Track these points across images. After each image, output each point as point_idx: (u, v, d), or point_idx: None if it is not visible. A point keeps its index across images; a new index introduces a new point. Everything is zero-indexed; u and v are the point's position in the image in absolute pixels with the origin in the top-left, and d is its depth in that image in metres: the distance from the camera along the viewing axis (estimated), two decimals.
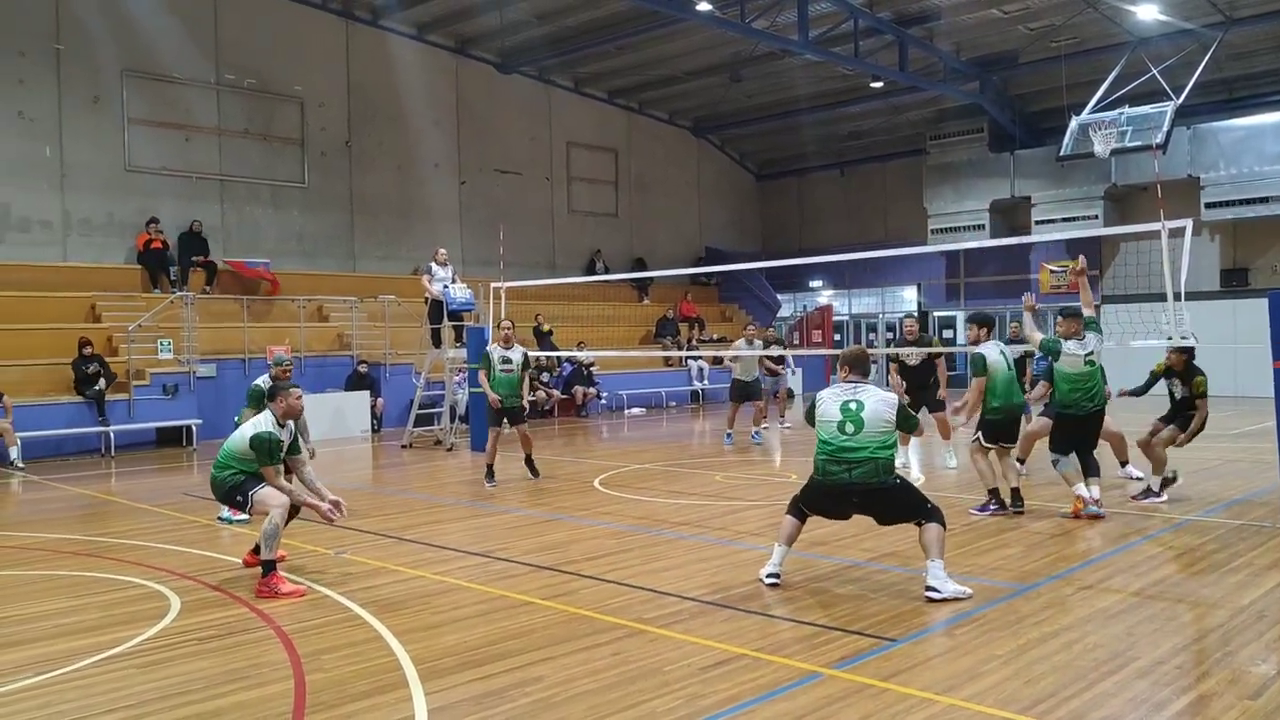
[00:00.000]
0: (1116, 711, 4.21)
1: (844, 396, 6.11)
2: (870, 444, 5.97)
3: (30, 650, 5.39)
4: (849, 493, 6.04)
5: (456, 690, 4.62)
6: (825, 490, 6.15)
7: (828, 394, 6.18)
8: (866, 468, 5.96)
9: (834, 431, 6.02)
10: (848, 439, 6.00)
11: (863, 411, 6.02)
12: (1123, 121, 19.65)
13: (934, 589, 5.94)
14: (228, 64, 20.36)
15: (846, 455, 5.99)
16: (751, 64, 24.26)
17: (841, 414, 6.05)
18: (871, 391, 6.12)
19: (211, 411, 16.98)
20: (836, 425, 6.04)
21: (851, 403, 6.07)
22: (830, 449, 6.03)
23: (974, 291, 27.64)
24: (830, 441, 6.06)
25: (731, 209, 31.87)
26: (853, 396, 6.10)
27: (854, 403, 6.07)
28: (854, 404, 6.06)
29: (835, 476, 6.03)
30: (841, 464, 6.01)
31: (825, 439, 6.06)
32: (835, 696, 4.43)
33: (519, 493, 10.98)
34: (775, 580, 6.30)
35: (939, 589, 5.92)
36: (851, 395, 6.11)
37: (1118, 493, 9.78)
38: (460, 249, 23.32)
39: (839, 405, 6.06)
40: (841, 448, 6.01)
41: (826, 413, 6.10)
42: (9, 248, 17.67)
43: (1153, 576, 6.48)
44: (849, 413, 6.04)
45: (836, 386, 6.24)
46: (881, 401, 6.08)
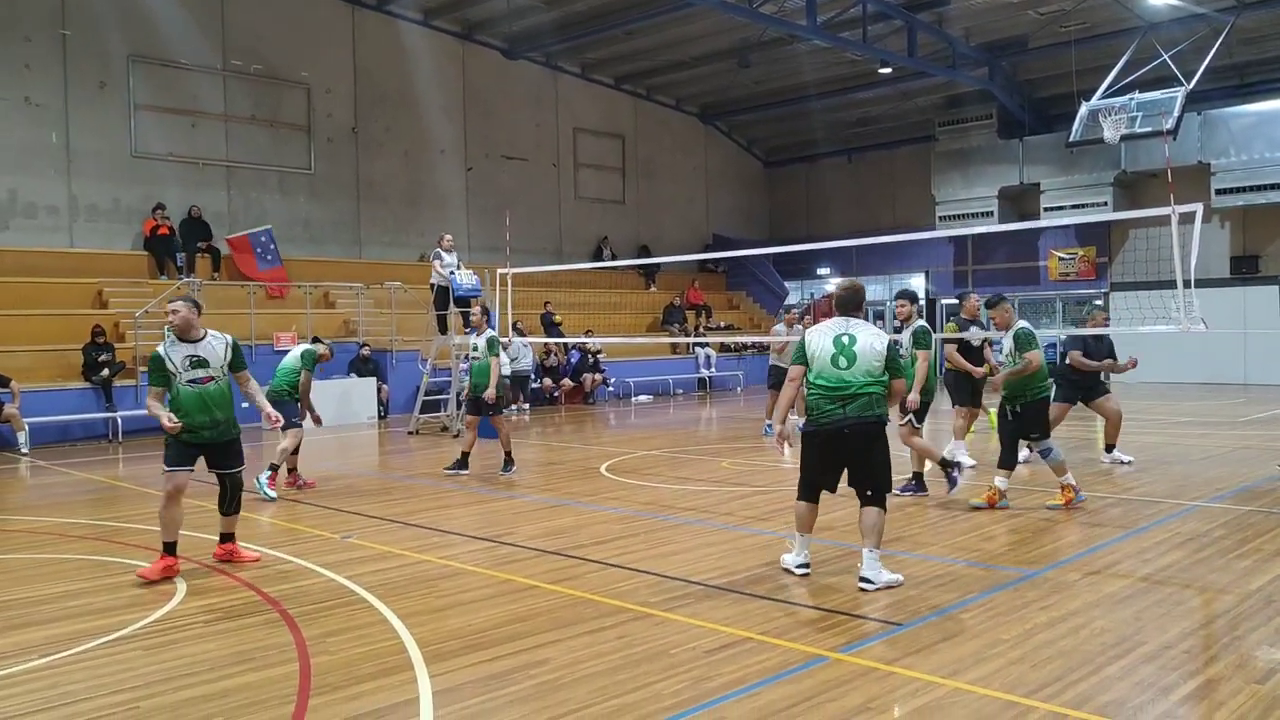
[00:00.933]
0: (1123, 695, 4.19)
1: (836, 331, 6.05)
2: (864, 378, 5.92)
3: (38, 632, 5.41)
4: (844, 434, 5.90)
5: (462, 673, 4.62)
6: (822, 440, 6.00)
7: (818, 330, 6.07)
8: (860, 401, 5.88)
9: (828, 365, 5.92)
10: (843, 372, 5.92)
11: (855, 345, 5.96)
12: (1133, 107, 19.52)
13: (868, 580, 5.86)
14: (234, 50, 20.33)
15: (841, 391, 5.91)
16: (759, 49, 24.14)
17: (835, 347, 5.97)
18: (864, 326, 6.08)
19: None
20: (830, 359, 5.95)
21: (844, 336, 6.01)
22: (825, 385, 5.91)
23: (982, 278, 27.54)
24: (824, 376, 5.95)
25: (739, 196, 31.78)
26: (845, 330, 6.04)
27: (846, 336, 6.01)
28: (846, 337, 6.00)
29: (831, 415, 5.91)
30: (836, 400, 5.92)
31: (819, 375, 5.92)
32: (841, 679, 4.42)
33: (526, 479, 10.98)
34: (806, 570, 6.19)
35: (873, 579, 5.86)
36: (844, 329, 6.05)
37: (1098, 478, 9.73)
38: (467, 235, 23.32)
39: (832, 338, 6.00)
40: (838, 382, 5.91)
41: (821, 348, 5.97)
42: (16, 234, 17.70)
43: (1160, 562, 6.46)
44: (841, 346, 5.97)
45: (828, 322, 6.17)
46: (874, 335, 6.03)
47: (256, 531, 8.07)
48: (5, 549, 7.68)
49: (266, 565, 6.87)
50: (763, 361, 26.94)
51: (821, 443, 6.05)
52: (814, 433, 6.07)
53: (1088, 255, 25.37)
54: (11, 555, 7.44)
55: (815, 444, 6.09)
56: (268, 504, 9.37)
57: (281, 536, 7.84)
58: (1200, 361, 22.25)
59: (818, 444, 6.08)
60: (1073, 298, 26.20)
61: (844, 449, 6.00)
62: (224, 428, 6.83)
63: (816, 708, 4.10)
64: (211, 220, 19.62)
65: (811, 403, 6.05)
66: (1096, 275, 25.21)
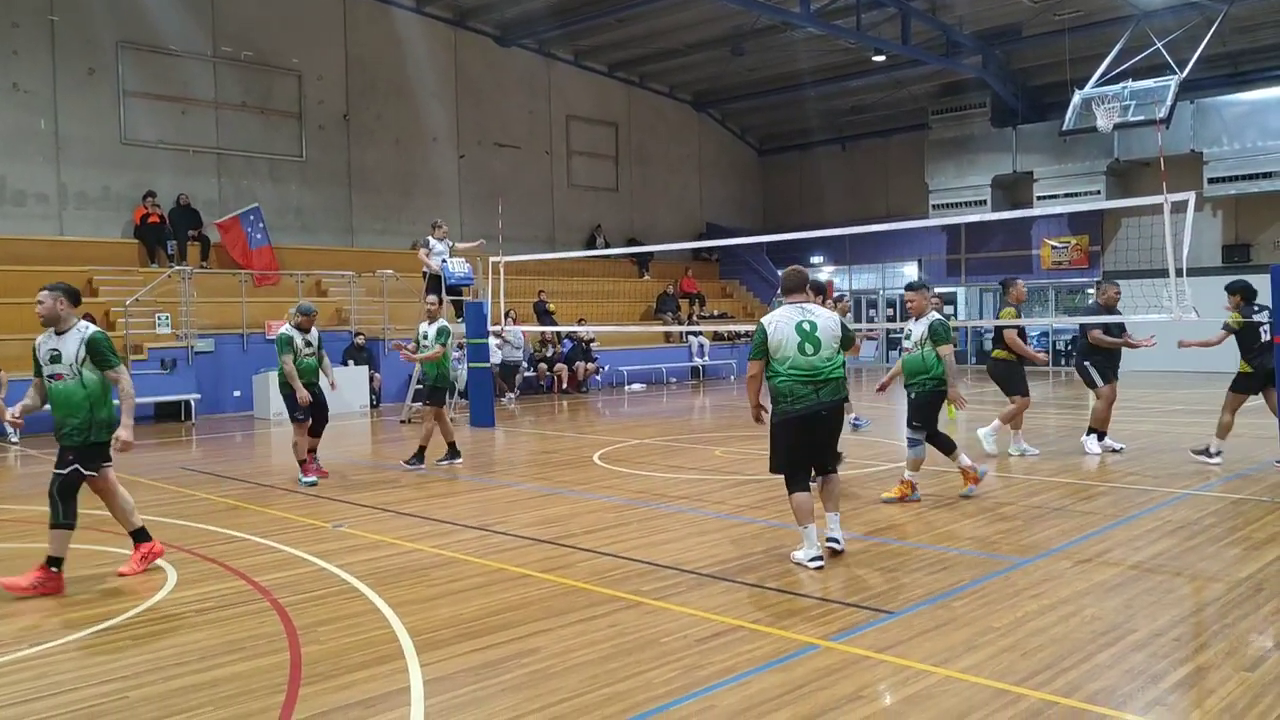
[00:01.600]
0: (1113, 683, 4.20)
1: (795, 318, 6.09)
2: (831, 363, 6.13)
3: (26, 621, 5.39)
4: (821, 417, 6.12)
5: (453, 661, 4.61)
6: (799, 424, 6.07)
7: (776, 320, 6.08)
8: (832, 385, 6.14)
9: (796, 353, 5.99)
10: (813, 358, 6.04)
11: (817, 330, 6.10)
12: (1126, 96, 19.50)
13: (836, 540, 6.32)
14: (225, 36, 20.20)
15: (814, 376, 6.03)
16: (753, 37, 24.06)
17: (799, 335, 6.04)
18: (819, 310, 6.28)
19: (210, 386, 16.99)
20: (798, 347, 6.03)
21: (805, 323, 6.09)
22: (798, 372, 5.98)
23: (975, 267, 27.56)
24: (795, 364, 6.02)
25: (733, 184, 31.74)
26: (804, 317, 6.13)
27: (807, 323, 6.10)
28: (807, 324, 6.10)
29: (805, 399, 6.03)
30: (810, 384, 6.03)
31: (790, 362, 5.97)
32: (833, 668, 4.42)
33: (518, 468, 10.98)
34: (820, 563, 6.09)
35: (840, 539, 6.33)
36: (802, 316, 6.14)
37: (1090, 466, 9.75)
38: (459, 223, 23.23)
39: (794, 326, 6.10)
40: (810, 368, 6.03)
41: (786, 336, 6.01)
42: (4, 221, 17.61)
43: (1151, 550, 6.47)
44: (805, 333, 6.05)
45: (783, 309, 6.17)
46: (830, 319, 6.21)
47: (249, 520, 8.05)
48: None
49: (258, 554, 6.84)
50: None
51: (799, 427, 6.13)
52: (790, 419, 6.12)
53: (1080, 244, 25.40)
54: (2, 545, 7.40)
55: (792, 429, 6.15)
56: (265, 493, 9.35)
57: (272, 525, 7.82)
58: (1191, 350, 22.22)
59: (795, 429, 6.14)
60: (1065, 286, 26.24)
61: (820, 430, 6.21)
62: (67, 431, 6.11)
63: (807, 696, 4.10)
64: (202, 208, 19.54)
65: (784, 389, 6.05)
66: (1089, 264, 25.25)
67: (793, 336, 6.07)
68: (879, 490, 8.78)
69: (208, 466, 11.44)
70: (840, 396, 6.24)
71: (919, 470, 8.32)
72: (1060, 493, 8.56)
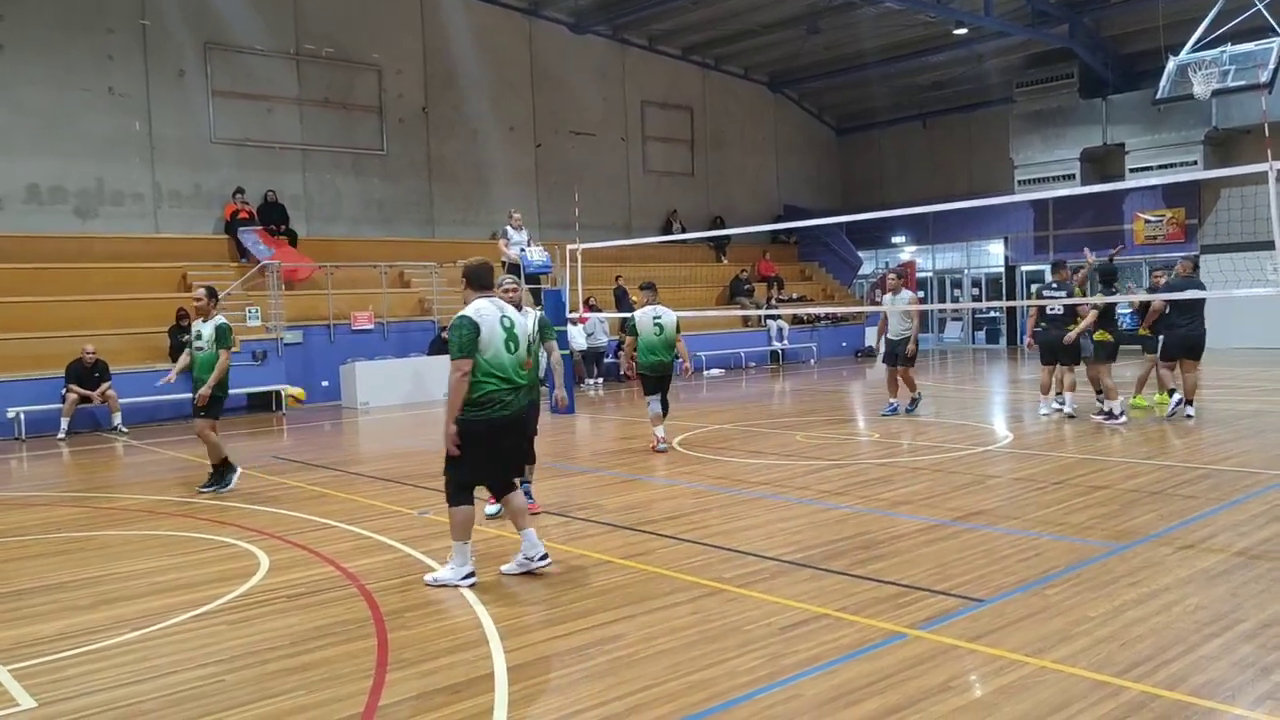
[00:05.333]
0: (1220, 675, 4.01)
1: (497, 313, 5.95)
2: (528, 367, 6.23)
3: (129, 607, 5.58)
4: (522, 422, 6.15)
5: (536, 648, 4.63)
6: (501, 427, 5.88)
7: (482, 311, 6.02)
8: (528, 388, 6.15)
9: (502, 351, 5.87)
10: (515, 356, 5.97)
11: (516, 329, 6.07)
12: (1225, 60, 18.56)
13: (544, 556, 5.98)
14: (306, 34, 20.62)
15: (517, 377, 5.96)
16: (829, 14, 23.64)
17: (503, 330, 5.93)
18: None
19: (299, 376, 17.42)
20: (503, 344, 5.91)
21: (505, 318, 5.99)
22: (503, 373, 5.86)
23: (1064, 244, 26.70)
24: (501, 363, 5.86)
25: (810, 165, 31.30)
26: (504, 313, 6.04)
27: (507, 319, 6.01)
28: (507, 320, 6.01)
29: (510, 403, 5.88)
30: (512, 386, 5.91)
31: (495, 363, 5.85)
32: (921, 657, 4.31)
33: (600, 454, 11.00)
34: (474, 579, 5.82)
35: (547, 555, 6.02)
36: (502, 312, 6.03)
37: (1187, 448, 9.35)
38: (536, 212, 23.39)
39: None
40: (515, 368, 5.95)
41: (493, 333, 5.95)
42: (104, 221, 18.28)
43: (1258, 535, 6.18)
44: (507, 329, 5.96)
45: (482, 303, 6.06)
46: (526, 317, 6.39)
47: (335, 507, 8.22)
48: (100, 525, 7.95)
49: (346, 540, 6.98)
50: (836, 333, 26.63)
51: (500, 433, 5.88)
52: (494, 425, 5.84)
53: (1176, 217, 24.41)
54: (106, 532, 7.70)
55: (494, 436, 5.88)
56: (352, 480, 9.55)
57: (361, 512, 7.97)
58: None
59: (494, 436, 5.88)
60: (1159, 261, 25.23)
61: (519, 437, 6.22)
62: None
63: (896, 686, 4.01)
64: (288, 203, 20.00)
65: (487, 392, 5.78)
66: (1185, 238, 24.25)
67: (499, 332, 5.84)
68: (967, 473, 8.58)
69: (297, 454, 11.73)
70: (534, 399, 6.33)
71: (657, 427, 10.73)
72: (1157, 476, 8.24)
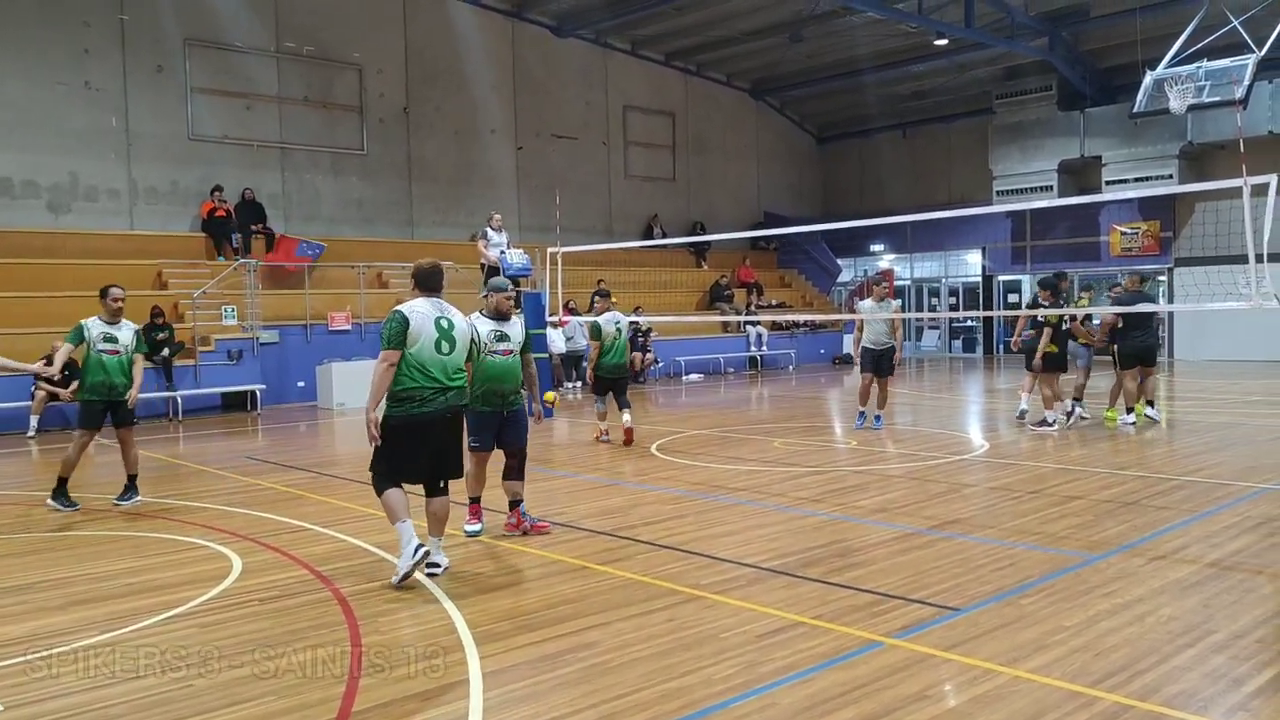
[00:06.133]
0: (1193, 686, 4.04)
1: (435, 313, 5.81)
2: (460, 370, 6.01)
3: (99, 609, 5.50)
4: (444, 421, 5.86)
5: (511, 654, 4.60)
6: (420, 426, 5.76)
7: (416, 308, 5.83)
8: (458, 390, 5.93)
9: (432, 350, 5.72)
10: (447, 358, 5.80)
11: (454, 330, 5.89)
12: (1201, 76, 18.80)
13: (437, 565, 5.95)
14: (287, 32, 20.50)
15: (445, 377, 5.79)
16: (812, 23, 23.76)
17: (437, 330, 5.76)
18: (457, 313, 6.06)
19: (275, 376, 17.29)
20: (435, 343, 5.76)
21: (443, 319, 5.83)
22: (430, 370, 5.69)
23: (1041, 255, 26.93)
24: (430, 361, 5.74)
25: (791, 173, 31.42)
26: (443, 314, 5.87)
27: (445, 320, 5.85)
28: (445, 321, 5.85)
29: (432, 401, 5.74)
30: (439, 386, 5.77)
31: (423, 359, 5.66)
32: (896, 666, 4.32)
33: (577, 458, 10.97)
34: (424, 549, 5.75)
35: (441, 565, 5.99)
36: (441, 312, 5.87)
37: (1162, 460, 9.44)
38: (517, 214, 23.34)
39: (433, 321, 5.81)
40: (444, 368, 5.78)
41: (425, 329, 5.71)
42: (78, 216, 18.09)
43: (1230, 547, 6.24)
44: (442, 330, 5.79)
45: (420, 302, 5.88)
46: (466, 325, 6.13)
47: (310, 509, 8.15)
48: (70, 525, 7.85)
49: (321, 543, 6.91)
50: (814, 340, 26.72)
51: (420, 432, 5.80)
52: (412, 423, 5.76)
53: (1151, 230, 24.67)
54: (76, 532, 7.60)
55: (413, 435, 5.82)
56: (328, 482, 9.47)
57: (335, 515, 7.91)
58: (1267, 339, 21.57)
59: (415, 434, 5.82)
60: (1135, 273, 25.50)
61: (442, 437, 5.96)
62: None
63: (871, 695, 4.01)
64: (266, 202, 19.86)
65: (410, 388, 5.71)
66: (1160, 250, 24.52)
67: (431, 332, 5.77)
68: (944, 481, 8.62)
69: (272, 456, 11.63)
70: (463, 404, 6.03)
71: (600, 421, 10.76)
72: (1131, 487, 8.30)
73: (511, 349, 6.92)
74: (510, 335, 6.92)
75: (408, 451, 5.81)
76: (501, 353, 6.86)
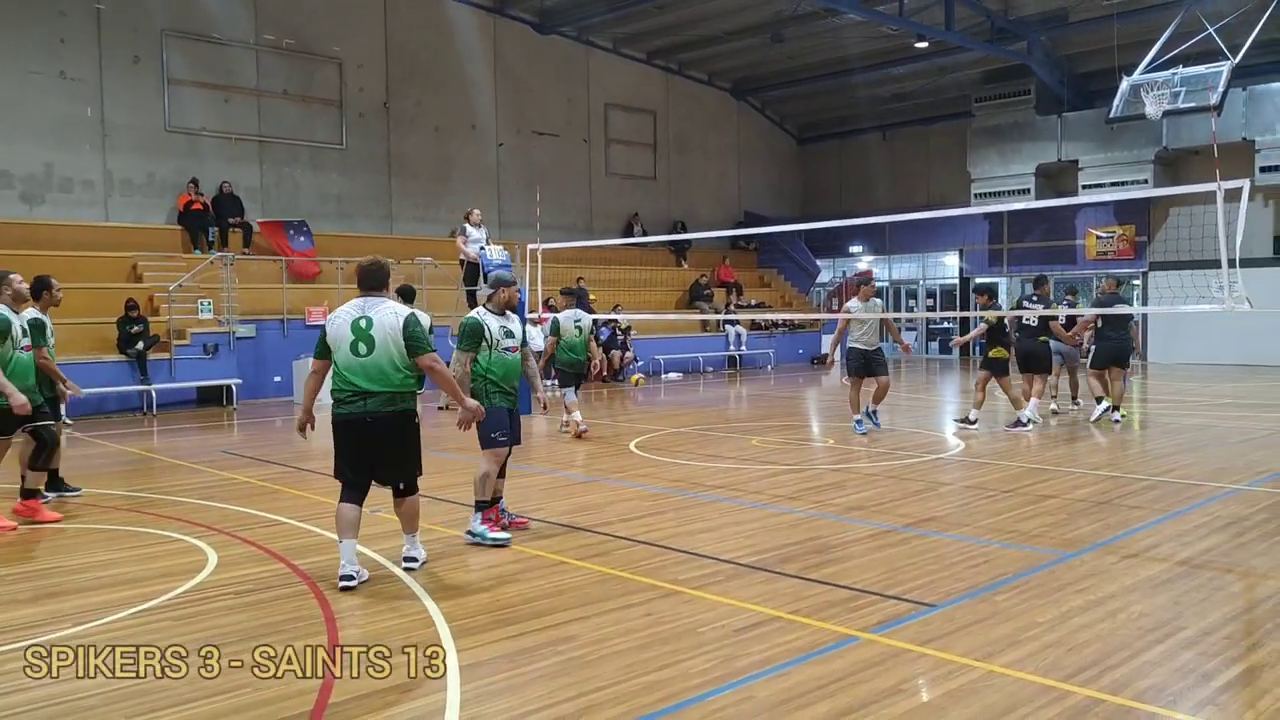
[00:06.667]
0: (1162, 681, 4.10)
1: (354, 315, 5.64)
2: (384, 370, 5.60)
3: (71, 601, 5.45)
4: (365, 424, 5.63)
5: (489, 648, 4.60)
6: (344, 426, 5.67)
7: (337, 313, 5.70)
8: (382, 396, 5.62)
9: (348, 353, 5.54)
10: (364, 359, 5.57)
11: (372, 329, 5.57)
12: (1176, 82, 19.01)
13: (414, 559, 6.02)
14: (267, 24, 20.36)
15: (362, 379, 5.57)
16: (793, 23, 23.83)
17: (353, 333, 5.58)
18: (386, 312, 5.64)
19: (251, 371, 17.17)
20: (350, 346, 5.59)
21: (362, 320, 5.61)
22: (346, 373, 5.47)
23: (1018, 258, 27.16)
24: (347, 364, 5.59)
25: (771, 173, 31.51)
26: (363, 314, 5.63)
27: (364, 320, 5.60)
28: (364, 321, 5.60)
29: (351, 403, 5.59)
30: (355, 388, 5.60)
31: (342, 363, 5.45)
32: (872, 660, 4.35)
33: (556, 454, 10.97)
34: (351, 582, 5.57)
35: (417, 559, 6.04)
36: (361, 313, 5.64)
37: (1134, 461, 9.56)
38: (497, 211, 23.29)
39: (350, 324, 5.61)
40: (360, 370, 5.58)
41: (341, 334, 5.52)
42: (52, 208, 17.89)
43: (1200, 545, 6.32)
44: (359, 330, 5.58)
45: (347, 304, 5.78)
46: (394, 322, 5.61)
47: (286, 503, 8.11)
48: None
49: (297, 537, 6.88)
50: (793, 340, 26.82)
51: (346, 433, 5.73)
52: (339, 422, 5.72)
53: (1126, 234, 24.92)
54: (48, 525, 7.52)
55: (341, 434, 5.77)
56: (304, 476, 9.42)
57: (312, 509, 7.87)
58: (1239, 342, 21.87)
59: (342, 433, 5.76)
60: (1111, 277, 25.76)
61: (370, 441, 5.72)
62: None
63: (847, 689, 4.04)
64: (244, 195, 19.72)
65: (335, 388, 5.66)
66: (1135, 254, 24.77)
67: (346, 335, 5.58)
68: (920, 480, 8.68)
69: (248, 450, 11.56)
70: (396, 409, 5.62)
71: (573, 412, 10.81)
72: (1104, 486, 8.39)
73: (518, 346, 6.91)
74: (515, 332, 6.89)
75: (340, 449, 5.79)
76: (511, 349, 6.83)
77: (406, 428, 5.76)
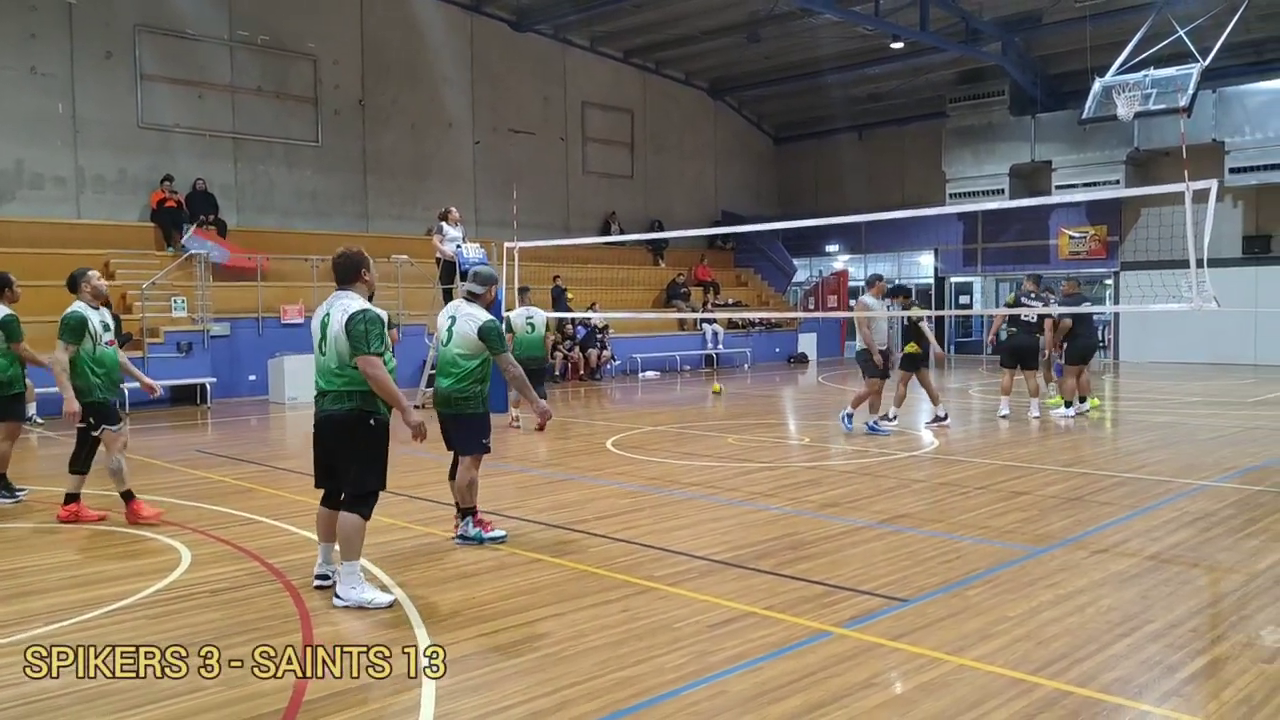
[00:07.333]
0: (1129, 674, 4.17)
1: (320, 314, 5.48)
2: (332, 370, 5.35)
3: (41, 600, 5.41)
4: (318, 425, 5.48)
5: (464, 645, 4.61)
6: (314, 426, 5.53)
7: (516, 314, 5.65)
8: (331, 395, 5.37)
9: (526, 336, 5.54)
10: (322, 359, 5.40)
11: (327, 328, 5.36)
12: (1147, 84, 19.21)
13: (325, 577, 5.56)
14: (241, 20, 20.21)
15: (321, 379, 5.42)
16: (770, 23, 23.91)
17: (320, 331, 5.42)
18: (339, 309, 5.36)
19: (226, 369, 17.05)
20: (317, 345, 5.44)
21: (325, 317, 5.44)
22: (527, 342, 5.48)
23: (991, 257, 27.39)
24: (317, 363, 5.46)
25: (748, 172, 31.60)
26: (326, 312, 5.45)
27: (325, 316, 5.42)
28: (325, 318, 5.42)
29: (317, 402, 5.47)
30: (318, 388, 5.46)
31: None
32: (845, 655, 4.40)
33: (532, 453, 10.98)
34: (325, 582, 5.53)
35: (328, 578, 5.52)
36: (326, 311, 5.45)
37: (1105, 457, 9.68)
38: (474, 209, 23.24)
39: (525, 319, 5.64)
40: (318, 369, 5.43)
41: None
42: (22, 204, 17.69)
43: (1168, 541, 6.42)
44: (322, 328, 5.40)
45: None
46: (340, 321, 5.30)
47: (261, 502, 8.07)
48: (12, 518, 7.70)
49: (272, 536, 6.86)
50: (770, 339, 26.90)
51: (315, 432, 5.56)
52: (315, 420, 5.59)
53: (1099, 234, 25.19)
54: (17, 524, 7.46)
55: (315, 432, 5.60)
56: (279, 475, 9.37)
57: (287, 508, 7.84)
58: (1208, 341, 22.18)
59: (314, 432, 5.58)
60: (1083, 277, 26.00)
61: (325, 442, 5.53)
62: None
63: (820, 683, 4.08)
64: (218, 192, 19.58)
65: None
66: (1107, 254, 25.04)
67: (315, 331, 5.47)
68: (894, 477, 8.75)
69: (222, 449, 11.49)
70: (344, 408, 5.30)
71: None
72: (1076, 483, 8.50)
73: None
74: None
75: (315, 450, 5.58)
76: None
77: (357, 430, 5.32)
